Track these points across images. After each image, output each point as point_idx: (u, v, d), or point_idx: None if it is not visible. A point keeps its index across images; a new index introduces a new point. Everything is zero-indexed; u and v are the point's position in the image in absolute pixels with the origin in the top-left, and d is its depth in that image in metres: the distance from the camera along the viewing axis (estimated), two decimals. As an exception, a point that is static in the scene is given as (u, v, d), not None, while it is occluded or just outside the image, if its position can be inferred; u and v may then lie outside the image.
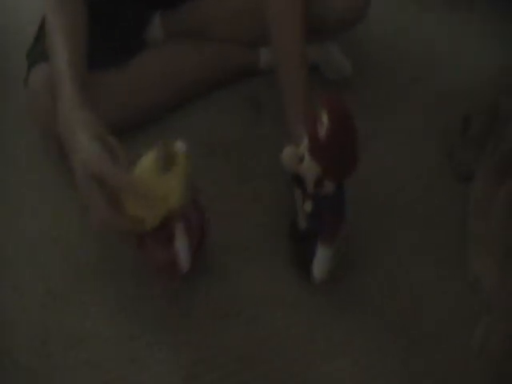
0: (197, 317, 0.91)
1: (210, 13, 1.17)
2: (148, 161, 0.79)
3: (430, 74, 1.33)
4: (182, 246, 0.83)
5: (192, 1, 1.17)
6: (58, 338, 0.87)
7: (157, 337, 0.88)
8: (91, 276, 0.94)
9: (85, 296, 0.92)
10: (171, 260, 0.84)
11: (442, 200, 1.10)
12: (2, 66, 1.21)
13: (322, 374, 0.87)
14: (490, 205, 1.03)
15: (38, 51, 1.02)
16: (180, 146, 0.78)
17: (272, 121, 1.17)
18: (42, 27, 1.04)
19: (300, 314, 0.93)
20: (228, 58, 1.20)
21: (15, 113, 1.14)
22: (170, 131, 1.11)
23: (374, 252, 1.02)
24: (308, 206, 0.89)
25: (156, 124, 1.11)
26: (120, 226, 0.77)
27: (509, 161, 1.06)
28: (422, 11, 1.48)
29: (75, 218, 1.00)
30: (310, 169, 0.83)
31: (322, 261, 0.90)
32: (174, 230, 0.82)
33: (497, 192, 1.03)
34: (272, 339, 0.90)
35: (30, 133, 1.10)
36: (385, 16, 1.40)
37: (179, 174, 0.79)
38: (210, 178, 1.05)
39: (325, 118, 0.79)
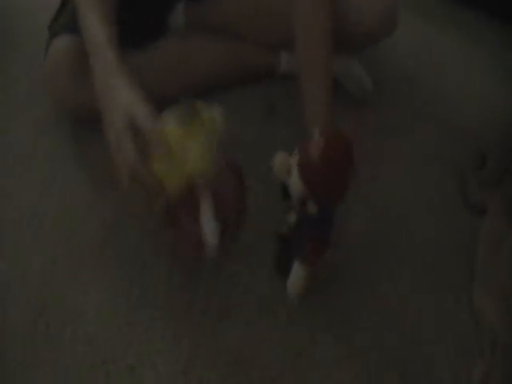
0: (198, 313, 0.90)
1: (233, 9, 1.17)
2: (169, 117, 0.77)
3: (442, 99, 1.34)
4: (207, 221, 0.78)
5: None
6: (57, 313, 0.87)
7: (156, 325, 0.87)
8: (94, 256, 0.94)
9: (86, 275, 0.92)
10: (199, 235, 0.79)
11: (451, 226, 1.10)
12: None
13: (322, 374, 0.87)
14: (501, 243, 1.03)
15: (61, 23, 1.06)
16: (216, 110, 0.77)
17: (285, 122, 1.17)
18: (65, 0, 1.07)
19: (301, 315, 0.92)
20: (245, 58, 1.20)
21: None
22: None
23: (377, 259, 1.02)
24: (292, 218, 0.87)
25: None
26: (146, 179, 0.76)
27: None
28: (438, 34, 1.49)
29: (82, 198, 1.00)
30: (295, 185, 0.81)
31: (296, 277, 0.89)
32: (200, 202, 0.78)
33: (508, 230, 1.03)
34: (272, 340, 0.89)
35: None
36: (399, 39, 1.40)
37: (201, 137, 0.76)
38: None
39: (320, 141, 0.78)
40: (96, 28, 0.87)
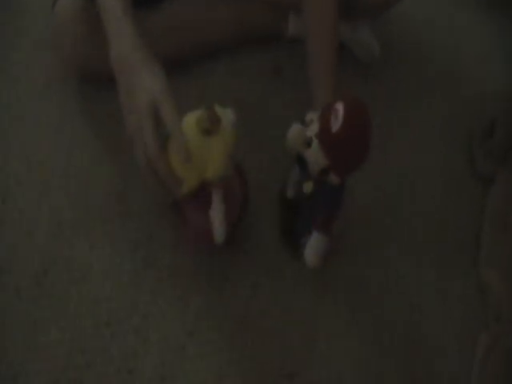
0: (203, 277, 0.92)
1: None
2: (190, 122, 0.77)
3: (456, 72, 1.31)
4: (217, 215, 0.81)
5: None
6: (62, 274, 0.89)
7: (161, 287, 0.89)
8: (100, 219, 0.95)
9: (91, 238, 0.93)
10: (206, 228, 0.82)
11: (458, 199, 1.09)
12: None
13: (327, 339, 0.89)
14: (508, 215, 1.02)
15: None
16: (229, 112, 0.77)
17: (291, 86, 1.17)
18: None
19: (305, 281, 0.94)
20: (254, 19, 1.19)
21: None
22: (185, 89, 1.10)
23: (380, 246, 1.02)
24: (308, 187, 0.86)
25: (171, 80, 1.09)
26: (161, 168, 0.76)
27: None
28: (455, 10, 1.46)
29: (90, 162, 1.02)
30: (317, 158, 0.79)
31: (315, 246, 0.88)
32: (212, 197, 0.81)
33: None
34: (273, 310, 0.90)
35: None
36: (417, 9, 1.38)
37: (221, 145, 0.77)
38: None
39: (341, 111, 0.74)
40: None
